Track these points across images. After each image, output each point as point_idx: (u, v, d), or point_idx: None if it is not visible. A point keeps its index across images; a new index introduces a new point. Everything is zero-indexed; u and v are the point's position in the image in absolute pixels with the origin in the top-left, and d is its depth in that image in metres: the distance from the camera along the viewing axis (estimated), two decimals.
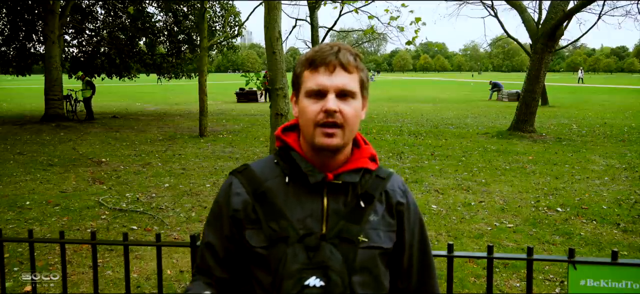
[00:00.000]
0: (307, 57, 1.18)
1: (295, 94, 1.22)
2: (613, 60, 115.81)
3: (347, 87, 1.15)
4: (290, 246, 1.14)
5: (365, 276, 1.17)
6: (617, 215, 5.88)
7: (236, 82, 44.67)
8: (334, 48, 1.17)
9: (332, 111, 1.12)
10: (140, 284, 4.01)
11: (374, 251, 1.19)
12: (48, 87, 15.79)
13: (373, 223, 1.20)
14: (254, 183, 1.21)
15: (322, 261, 1.12)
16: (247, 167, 1.26)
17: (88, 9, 20.39)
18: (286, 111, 4.78)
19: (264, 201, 1.19)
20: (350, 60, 1.17)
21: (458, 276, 4.08)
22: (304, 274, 1.11)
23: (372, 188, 1.23)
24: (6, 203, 6.38)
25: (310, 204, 1.18)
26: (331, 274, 1.12)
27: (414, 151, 10.46)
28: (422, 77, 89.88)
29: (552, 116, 17.68)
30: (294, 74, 1.22)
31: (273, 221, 1.16)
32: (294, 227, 1.15)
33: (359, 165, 1.21)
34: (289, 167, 1.21)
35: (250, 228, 1.18)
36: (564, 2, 12.58)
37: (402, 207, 1.26)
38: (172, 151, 10.57)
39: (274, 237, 1.15)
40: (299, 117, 1.20)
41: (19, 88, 41.41)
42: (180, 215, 5.91)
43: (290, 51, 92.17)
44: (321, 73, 1.15)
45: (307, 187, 1.19)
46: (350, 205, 1.20)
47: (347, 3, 11.59)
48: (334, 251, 1.14)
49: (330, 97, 1.13)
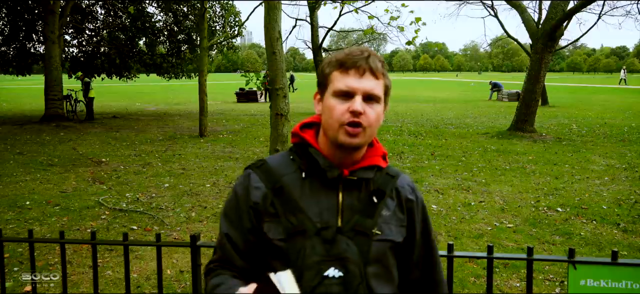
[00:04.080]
0: (337, 58, 1.23)
1: (321, 93, 1.27)
2: (613, 60, 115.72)
3: (373, 91, 1.21)
4: (308, 238, 1.20)
5: (378, 267, 1.24)
6: (617, 215, 5.88)
7: (236, 82, 44.67)
8: (364, 53, 1.22)
9: (358, 112, 1.18)
10: (140, 284, 4.01)
11: (386, 244, 1.25)
12: (48, 87, 15.77)
13: (385, 218, 1.27)
14: (271, 178, 1.26)
15: (339, 253, 1.19)
16: (264, 162, 1.31)
17: (88, 9, 20.38)
18: (286, 111, 4.78)
19: (282, 195, 1.24)
20: (379, 66, 1.23)
21: (458, 276, 4.08)
22: (322, 266, 1.18)
23: (384, 185, 1.30)
24: (6, 203, 6.38)
25: (326, 198, 1.23)
26: (349, 265, 1.19)
27: (414, 151, 10.46)
28: (422, 77, 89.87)
29: (552, 116, 17.69)
30: (321, 74, 1.27)
31: (291, 215, 1.22)
32: (311, 220, 1.21)
33: (372, 162, 1.27)
34: (306, 163, 1.26)
35: (269, 220, 1.23)
36: (564, 2, 12.58)
37: (411, 204, 1.33)
38: (172, 151, 10.57)
39: (292, 230, 1.21)
40: (322, 115, 1.26)
41: (19, 88, 41.40)
42: (180, 215, 5.91)
43: (290, 51, 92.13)
44: (351, 75, 1.20)
45: (323, 182, 1.24)
46: (364, 200, 1.26)
47: (347, 3, 11.60)
48: (350, 244, 1.20)
49: (357, 98, 1.19)
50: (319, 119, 1.30)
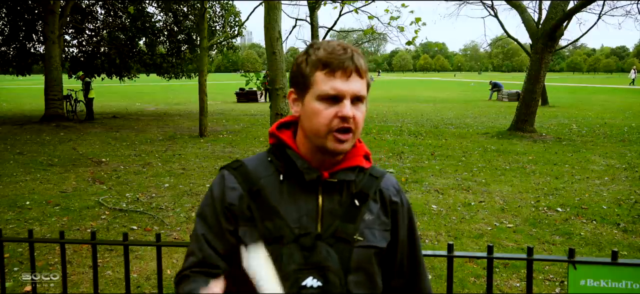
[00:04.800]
0: (319, 57, 1.13)
1: (299, 93, 1.18)
2: (613, 60, 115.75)
3: (360, 92, 1.14)
4: (286, 245, 1.12)
5: (360, 275, 1.17)
6: (617, 215, 5.88)
7: (236, 82, 44.66)
8: (348, 51, 1.14)
9: (349, 118, 1.12)
10: (140, 284, 4.01)
11: (370, 251, 1.18)
12: (48, 87, 15.78)
13: (368, 222, 1.20)
14: (248, 181, 1.19)
15: (318, 261, 1.11)
16: (241, 163, 1.24)
17: (88, 9, 20.38)
18: (286, 111, 4.78)
19: (259, 199, 1.17)
20: (363, 64, 1.15)
21: (458, 276, 4.08)
22: (300, 275, 1.09)
23: (367, 187, 1.22)
24: (6, 203, 6.38)
25: (305, 203, 1.17)
26: (328, 274, 1.11)
27: (414, 151, 10.46)
28: (422, 77, 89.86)
29: (552, 116, 17.68)
30: (298, 72, 1.17)
31: (268, 220, 1.15)
32: (289, 226, 1.14)
33: (354, 163, 1.21)
34: (283, 165, 1.20)
35: (244, 225, 1.17)
36: (564, 2, 12.58)
37: (396, 206, 1.26)
38: (172, 151, 10.57)
39: (269, 236, 1.13)
40: (303, 118, 1.17)
41: (19, 88, 41.40)
42: (180, 215, 5.91)
43: (290, 51, 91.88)
44: (338, 77, 1.12)
45: (301, 185, 1.18)
46: (345, 204, 1.19)
47: (347, 3, 11.60)
48: (330, 251, 1.13)
49: (346, 103, 1.12)
50: (297, 118, 1.22)
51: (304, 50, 1.20)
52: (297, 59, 1.20)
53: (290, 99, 1.22)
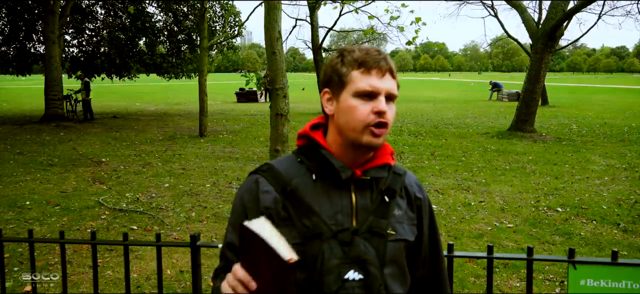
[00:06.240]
0: (355, 58, 1.20)
1: (334, 92, 1.23)
2: (613, 60, 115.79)
3: (393, 91, 1.21)
4: (325, 241, 1.18)
5: (394, 268, 1.24)
6: (617, 215, 5.88)
7: (236, 82, 44.67)
8: (381, 53, 1.22)
9: (385, 112, 1.18)
10: (140, 284, 4.01)
11: (401, 244, 1.26)
12: (48, 87, 15.78)
13: (398, 217, 1.27)
14: (281, 181, 1.24)
15: (358, 255, 1.17)
16: (270, 166, 1.28)
17: (88, 9, 20.39)
18: (286, 111, 4.77)
19: (294, 199, 1.22)
20: (394, 67, 1.24)
21: (458, 276, 4.08)
22: (342, 269, 1.15)
23: (393, 184, 1.29)
24: (6, 203, 6.38)
25: (338, 200, 1.22)
26: (369, 267, 1.17)
27: (414, 151, 10.46)
28: (422, 77, 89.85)
29: (552, 116, 17.69)
30: (333, 72, 1.23)
31: (305, 218, 1.20)
32: (326, 223, 1.19)
33: (384, 161, 1.26)
34: (316, 164, 1.24)
35: (282, 225, 1.20)
36: (564, 2, 12.58)
37: (420, 202, 1.34)
38: (172, 151, 10.57)
39: (308, 233, 1.19)
40: (338, 115, 1.22)
41: (19, 88, 41.41)
42: (180, 215, 5.91)
43: (290, 51, 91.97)
44: (373, 75, 1.19)
45: (334, 183, 1.23)
46: (376, 200, 1.25)
47: (347, 3, 11.60)
48: (367, 245, 1.19)
49: (381, 99, 1.18)
50: (324, 119, 1.28)
51: (337, 53, 1.27)
52: (330, 61, 1.27)
53: (324, 99, 1.26)
